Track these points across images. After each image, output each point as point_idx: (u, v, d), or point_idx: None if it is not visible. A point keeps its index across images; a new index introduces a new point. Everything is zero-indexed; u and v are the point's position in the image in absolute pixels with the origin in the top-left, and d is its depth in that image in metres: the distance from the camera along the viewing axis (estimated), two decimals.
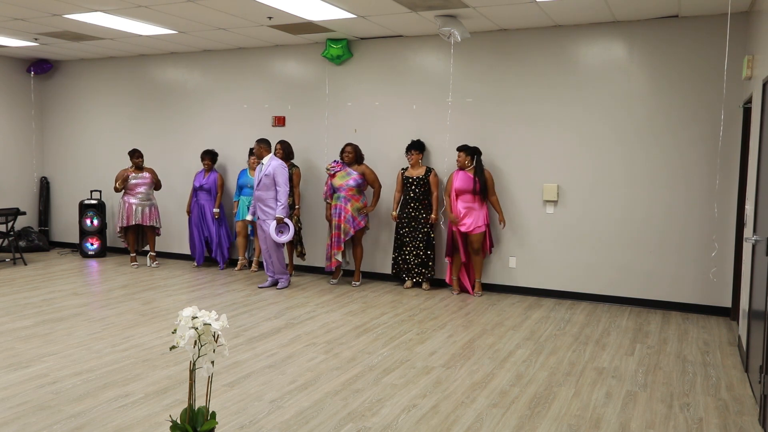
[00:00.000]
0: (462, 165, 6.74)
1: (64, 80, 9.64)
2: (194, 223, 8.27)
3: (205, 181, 8.18)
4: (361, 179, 7.15)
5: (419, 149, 7.04)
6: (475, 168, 6.73)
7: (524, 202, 6.92)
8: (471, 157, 6.74)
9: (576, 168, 6.68)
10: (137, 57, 9.01)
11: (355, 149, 7.20)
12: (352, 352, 4.83)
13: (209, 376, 2.48)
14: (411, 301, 6.60)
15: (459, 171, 6.82)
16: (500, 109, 6.95)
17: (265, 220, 6.97)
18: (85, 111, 9.52)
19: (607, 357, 4.81)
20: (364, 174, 7.18)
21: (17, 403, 3.75)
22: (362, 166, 7.25)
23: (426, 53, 7.28)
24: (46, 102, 9.82)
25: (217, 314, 2.46)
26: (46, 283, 7.28)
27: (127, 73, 9.13)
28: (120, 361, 4.54)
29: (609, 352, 4.93)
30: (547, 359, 4.73)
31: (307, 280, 7.57)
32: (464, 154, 6.75)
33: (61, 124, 9.74)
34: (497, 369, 4.49)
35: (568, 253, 6.76)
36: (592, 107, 6.58)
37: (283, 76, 8.07)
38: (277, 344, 5.01)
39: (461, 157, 6.75)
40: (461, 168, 6.78)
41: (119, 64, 9.17)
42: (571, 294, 6.77)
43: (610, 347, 5.07)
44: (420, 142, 7.10)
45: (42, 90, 9.81)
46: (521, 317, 5.99)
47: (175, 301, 6.42)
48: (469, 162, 6.73)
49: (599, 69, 6.53)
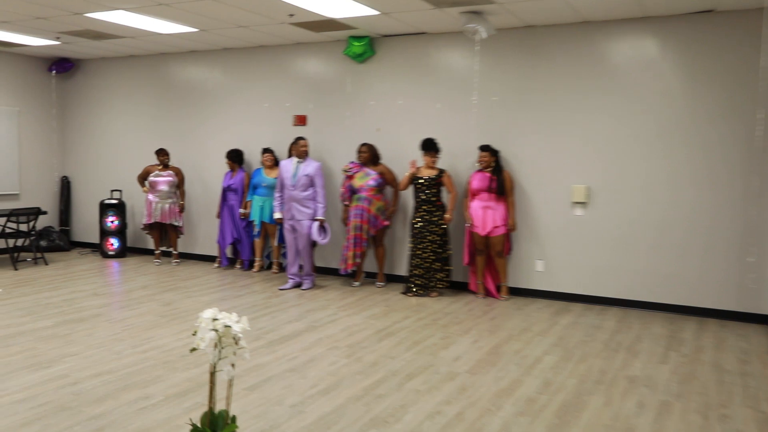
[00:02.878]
0: (487, 165, 6.70)
1: (85, 79, 9.77)
2: (225, 224, 8.34)
3: (233, 182, 8.24)
4: (381, 179, 7.14)
5: (431, 150, 6.83)
6: (493, 167, 6.69)
7: (552, 204, 6.85)
8: (496, 158, 6.71)
9: (607, 168, 6.60)
10: (158, 55, 9.11)
11: (371, 149, 7.19)
12: (375, 356, 4.82)
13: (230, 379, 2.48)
14: (435, 305, 6.57)
15: (477, 172, 6.80)
16: (527, 107, 6.89)
17: (300, 221, 7.01)
18: (105, 110, 9.65)
19: (640, 365, 4.73)
20: (383, 173, 7.18)
21: (38, 404, 3.79)
22: (380, 165, 7.24)
23: (450, 51, 7.25)
24: (67, 101, 9.97)
25: (237, 316, 2.46)
26: (67, 283, 7.38)
27: (147, 72, 9.24)
28: (140, 362, 4.58)
29: (641, 360, 4.85)
30: (576, 366, 4.67)
31: (328, 282, 7.58)
32: (489, 154, 6.70)
33: (82, 123, 9.88)
34: (524, 376, 4.44)
35: (598, 256, 6.68)
36: (624, 105, 6.49)
37: (305, 74, 8.09)
38: (298, 347, 5.01)
39: (486, 156, 6.70)
40: (485, 168, 6.73)
41: (140, 63, 9.28)
42: (601, 299, 6.69)
43: (642, 355, 4.99)
44: (430, 141, 6.87)
45: (63, 89, 9.97)
46: (549, 322, 5.93)
47: (195, 303, 6.47)
48: (493, 162, 6.69)
49: (630, 66, 6.44)
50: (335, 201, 7.88)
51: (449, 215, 6.82)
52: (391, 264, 7.66)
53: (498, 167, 6.73)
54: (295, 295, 6.94)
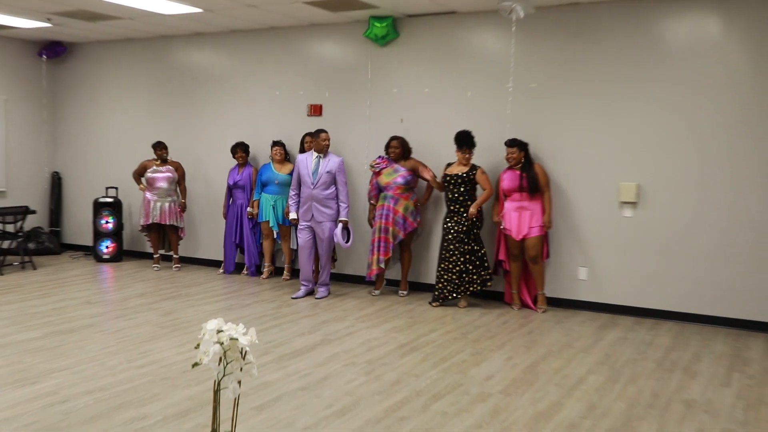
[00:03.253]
0: (517, 161, 6.65)
1: (79, 65, 9.89)
2: (231, 225, 8.37)
3: (240, 177, 8.27)
4: (410, 175, 7.13)
5: (464, 144, 6.79)
6: (522, 163, 6.63)
7: (597, 204, 6.78)
8: (525, 153, 6.65)
9: (660, 164, 6.51)
10: (159, 38, 9.19)
11: (402, 143, 7.18)
12: (397, 374, 4.79)
13: (235, 397, 2.47)
14: (464, 317, 6.53)
15: (506, 170, 6.77)
16: (569, 95, 6.83)
17: (322, 222, 7.03)
18: (100, 99, 9.76)
19: (698, 388, 4.66)
20: (414, 169, 7.16)
21: (23, 424, 3.82)
22: (411, 160, 7.23)
23: (483, 32, 7.21)
24: (59, 89, 10.10)
25: (245, 328, 2.45)
26: (57, 289, 7.46)
27: (147, 57, 9.32)
28: (136, 378, 4.60)
29: (700, 382, 4.77)
30: (624, 388, 4.61)
31: (345, 291, 7.58)
32: (517, 149, 6.65)
33: (75, 113, 10.01)
34: (565, 398, 4.39)
35: (649, 263, 6.59)
36: (681, 93, 6.40)
37: (320, 59, 8.10)
38: (311, 363, 5.00)
39: (514, 152, 6.65)
40: (515, 165, 6.68)
41: (139, 47, 9.37)
42: (653, 312, 6.61)
43: (701, 376, 4.91)
44: (465, 134, 6.81)
45: (54, 76, 10.10)
46: (593, 338, 5.87)
47: (198, 313, 6.50)
48: (523, 158, 6.65)
49: (689, 49, 6.35)
50: (351, 200, 7.88)
51: (474, 209, 6.74)
52: (416, 271, 7.63)
53: (528, 162, 6.67)
54: (309, 304, 6.94)
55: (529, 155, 6.77)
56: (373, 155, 7.65)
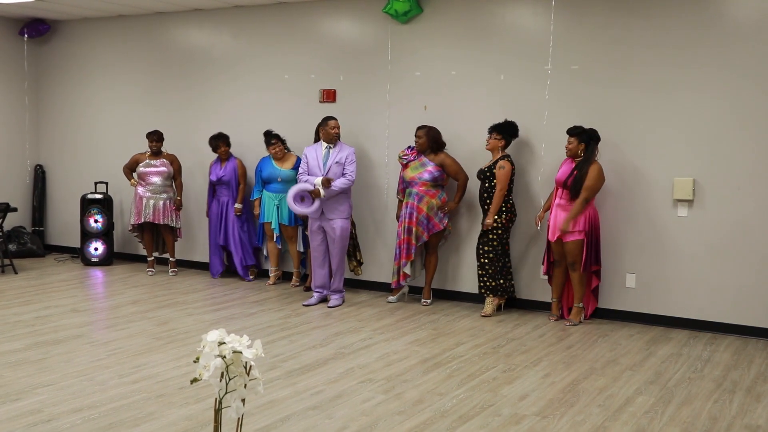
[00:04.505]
0: (573, 153, 6.62)
1: (65, 45, 9.99)
2: (215, 225, 8.43)
3: (224, 173, 8.30)
4: (439, 171, 7.14)
5: (500, 132, 6.90)
6: (582, 157, 6.60)
7: (646, 202, 6.75)
8: (585, 144, 6.59)
9: (720, 157, 6.48)
10: (153, 15, 9.26)
11: (429, 133, 7.17)
12: (419, 392, 4.81)
13: (239, 417, 2.49)
14: (496, 328, 6.53)
15: (565, 160, 6.76)
16: (616, 79, 6.81)
17: (332, 220, 7.09)
18: (89, 83, 9.84)
19: (763, 412, 4.64)
20: (443, 165, 7.17)
21: None
22: (441, 155, 7.23)
23: (518, 7, 7.21)
24: (43, 72, 10.21)
25: (249, 339, 2.47)
26: (41, 296, 7.55)
27: (140, 36, 9.39)
28: (129, 395, 4.65)
29: (765, 406, 4.75)
30: (678, 411, 4.60)
31: (362, 299, 7.61)
32: (576, 140, 6.61)
33: (61, 99, 10.10)
34: (610, 421, 4.39)
35: (707, 269, 6.56)
36: (743, 79, 6.36)
37: (334, 38, 8.13)
38: (323, 379, 5.03)
39: (572, 143, 6.61)
40: (573, 157, 6.66)
41: (131, 24, 9.44)
42: (711, 324, 6.58)
43: (766, 398, 4.88)
44: (511, 123, 6.94)
45: (37, 57, 10.21)
46: (642, 354, 5.86)
47: (197, 322, 6.55)
48: (581, 150, 6.60)
49: (755, 30, 6.30)
50: (369, 196, 7.90)
51: (490, 220, 6.83)
52: (443, 278, 7.64)
53: (586, 158, 6.60)
54: (320, 313, 6.98)
55: (592, 150, 6.61)
56: (393, 146, 7.67)
